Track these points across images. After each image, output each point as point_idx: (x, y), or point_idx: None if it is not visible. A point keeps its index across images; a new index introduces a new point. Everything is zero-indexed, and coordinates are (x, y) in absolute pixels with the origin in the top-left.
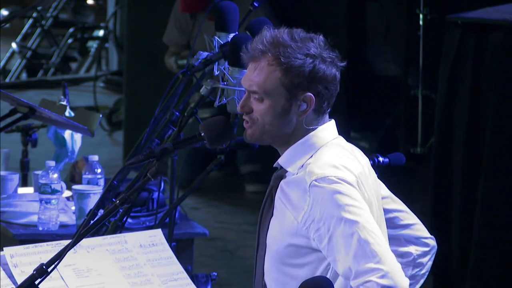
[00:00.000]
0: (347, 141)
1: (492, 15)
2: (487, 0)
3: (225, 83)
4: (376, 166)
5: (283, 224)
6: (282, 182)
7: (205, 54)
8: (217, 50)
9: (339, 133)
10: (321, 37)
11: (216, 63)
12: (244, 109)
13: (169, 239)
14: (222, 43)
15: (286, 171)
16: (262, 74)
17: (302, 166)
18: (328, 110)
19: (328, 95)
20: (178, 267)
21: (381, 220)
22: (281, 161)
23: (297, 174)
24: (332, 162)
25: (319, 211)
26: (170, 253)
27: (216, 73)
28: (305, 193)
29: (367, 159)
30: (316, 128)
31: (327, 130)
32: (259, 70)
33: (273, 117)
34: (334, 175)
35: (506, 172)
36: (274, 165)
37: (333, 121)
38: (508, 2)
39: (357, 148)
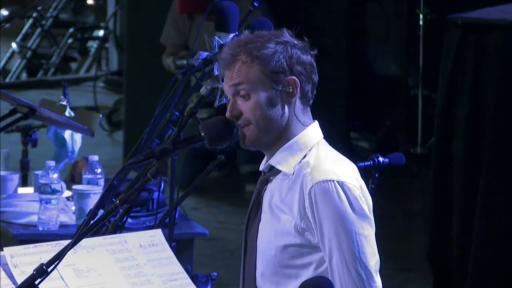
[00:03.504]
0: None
1: (492, 15)
2: (487, 0)
3: None
4: (376, 166)
5: (278, 227)
6: (269, 186)
7: (205, 54)
8: (217, 50)
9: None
10: (285, 29)
11: (216, 63)
12: (233, 113)
13: (169, 239)
14: (222, 43)
15: (273, 174)
16: (242, 72)
17: (298, 164)
18: (311, 102)
19: (309, 77)
20: (178, 267)
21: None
22: (273, 161)
23: (293, 174)
24: (333, 165)
25: (318, 215)
26: (170, 253)
27: (216, 73)
28: (304, 195)
29: None
30: (305, 128)
31: (315, 129)
32: (237, 72)
33: (263, 110)
34: (337, 178)
35: (506, 172)
36: (261, 169)
37: (317, 122)
38: (508, 2)
39: None
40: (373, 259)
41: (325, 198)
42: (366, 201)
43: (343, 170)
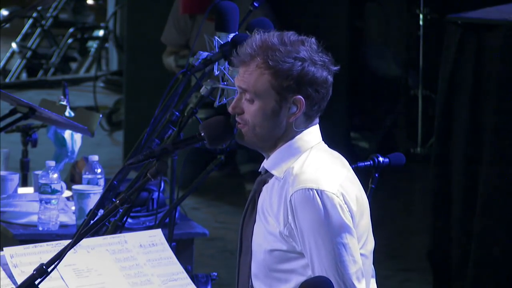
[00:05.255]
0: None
1: (492, 15)
2: (487, 0)
3: (225, 83)
4: (376, 166)
5: (267, 231)
6: (264, 187)
7: (205, 54)
8: (217, 50)
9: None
10: (313, 39)
11: (216, 63)
12: (235, 110)
13: (169, 239)
14: (222, 43)
15: (270, 176)
16: (253, 76)
17: (287, 170)
18: (319, 114)
19: (319, 98)
20: (178, 267)
21: (367, 227)
22: (267, 164)
23: (282, 178)
24: (315, 172)
25: (298, 223)
26: (170, 253)
27: (216, 73)
28: (286, 202)
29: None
30: (302, 131)
31: (312, 133)
32: (249, 73)
33: (263, 119)
34: (316, 187)
35: (506, 172)
36: (259, 170)
37: (317, 125)
38: (508, 2)
39: (339, 154)
40: (353, 267)
41: (304, 207)
42: (348, 209)
43: (324, 178)
